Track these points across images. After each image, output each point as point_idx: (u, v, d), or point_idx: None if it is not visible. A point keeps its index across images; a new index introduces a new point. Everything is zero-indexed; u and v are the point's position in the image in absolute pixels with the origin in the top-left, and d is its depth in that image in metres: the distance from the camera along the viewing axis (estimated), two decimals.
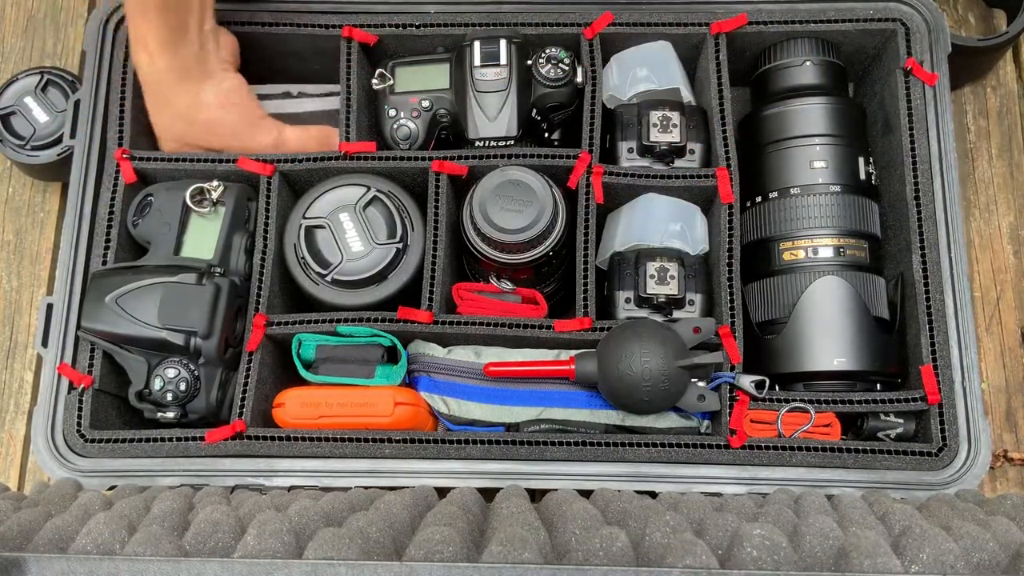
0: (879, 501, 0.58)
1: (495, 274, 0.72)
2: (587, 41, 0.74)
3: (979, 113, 0.87)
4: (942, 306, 0.68)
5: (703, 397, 0.65)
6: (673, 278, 0.68)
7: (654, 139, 0.71)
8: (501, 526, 0.50)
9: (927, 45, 0.73)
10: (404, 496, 0.56)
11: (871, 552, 0.44)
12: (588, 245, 0.70)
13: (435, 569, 0.41)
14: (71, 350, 0.68)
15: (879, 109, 0.75)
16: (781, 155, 0.71)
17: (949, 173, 0.70)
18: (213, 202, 0.70)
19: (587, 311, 0.68)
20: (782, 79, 0.75)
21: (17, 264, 0.85)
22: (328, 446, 0.66)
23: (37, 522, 0.51)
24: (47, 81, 0.81)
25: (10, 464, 0.80)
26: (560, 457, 0.65)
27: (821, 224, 0.70)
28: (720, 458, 0.65)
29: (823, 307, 0.68)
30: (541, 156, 0.71)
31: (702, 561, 0.43)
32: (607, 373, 0.64)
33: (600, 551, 0.45)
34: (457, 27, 0.75)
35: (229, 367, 0.69)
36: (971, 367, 0.67)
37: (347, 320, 0.68)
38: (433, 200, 0.71)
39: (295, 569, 0.41)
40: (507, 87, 0.72)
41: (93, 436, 0.67)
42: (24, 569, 0.41)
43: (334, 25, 0.75)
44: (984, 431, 0.65)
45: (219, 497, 0.60)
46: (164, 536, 0.46)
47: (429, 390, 0.69)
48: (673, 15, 0.75)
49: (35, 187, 0.87)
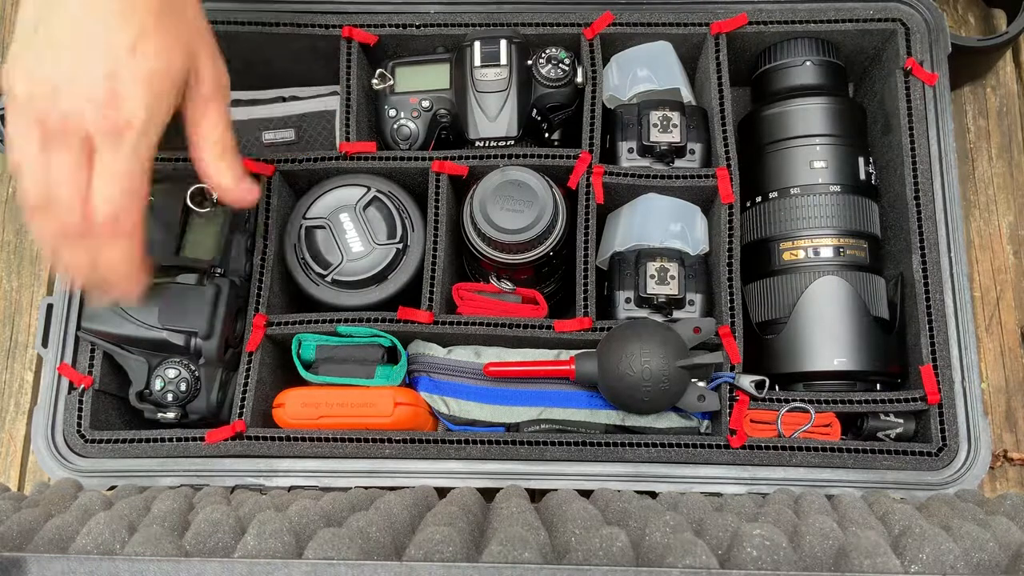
0: (879, 501, 0.59)
1: (495, 274, 0.72)
2: (587, 41, 0.74)
3: (979, 113, 0.87)
4: (942, 306, 0.68)
5: (703, 397, 0.65)
6: (673, 278, 0.68)
7: (654, 139, 0.71)
8: (501, 526, 0.50)
9: (927, 45, 0.73)
10: (404, 496, 0.56)
11: (871, 552, 0.44)
12: (588, 245, 0.70)
13: (435, 569, 0.41)
14: (71, 350, 0.68)
15: (879, 109, 0.75)
16: (781, 155, 0.72)
17: (949, 173, 0.70)
18: (213, 202, 0.70)
19: (587, 311, 0.68)
20: (782, 79, 0.75)
21: (17, 264, 0.85)
22: (328, 446, 0.66)
23: (37, 522, 0.51)
24: None
25: (10, 464, 0.80)
26: (560, 457, 0.66)
27: (821, 224, 0.70)
28: (720, 458, 0.65)
29: (823, 307, 0.68)
30: (541, 156, 0.71)
31: (702, 561, 0.43)
32: (607, 373, 0.64)
33: (600, 551, 0.45)
34: (457, 27, 0.75)
35: (229, 367, 0.69)
36: (971, 367, 0.67)
37: (347, 320, 0.68)
38: (433, 200, 0.71)
39: (295, 569, 0.41)
40: (507, 87, 0.72)
41: (93, 436, 0.67)
42: (24, 569, 0.41)
43: (334, 25, 0.75)
44: (984, 431, 0.65)
45: (219, 497, 0.60)
46: (164, 536, 0.46)
47: (429, 390, 0.69)
48: (673, 15, 0.75)
49: None
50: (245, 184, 0.58)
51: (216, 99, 0.57)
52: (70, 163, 0.51)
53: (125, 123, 0.51)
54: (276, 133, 0.78)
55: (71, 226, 0.52)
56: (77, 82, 0.50)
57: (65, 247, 0.54)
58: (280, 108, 0.79)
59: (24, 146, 0.51)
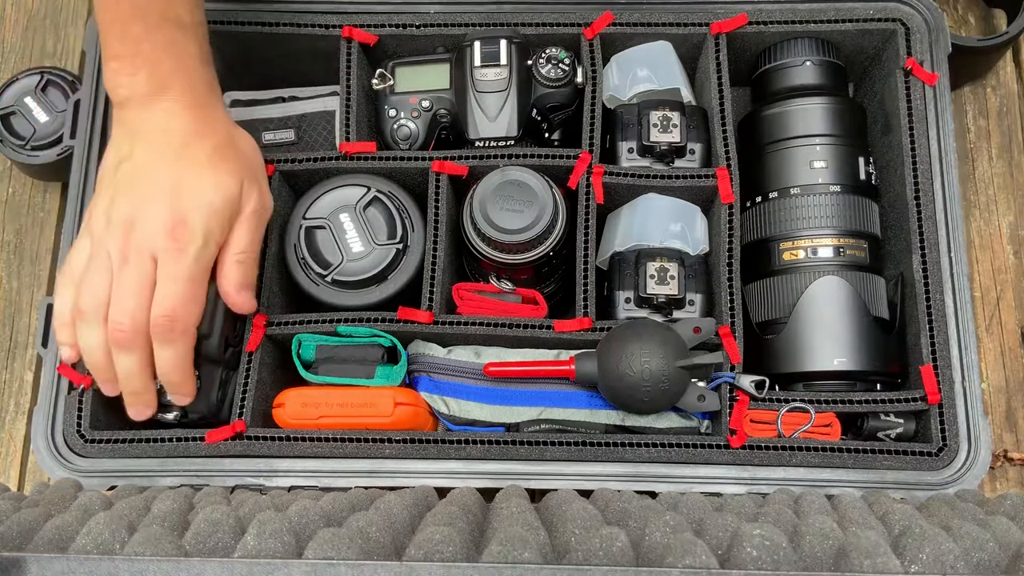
0: (879, 501, 0.59)
1: (495, 274, 0.72)
2: (587, 41, 0.74)
3: (979, 113, 0.87)
4: (942, 306, 0.68)
5: (703, 397, 0.65)
6: (673, 278, 0.68)
7: (654, 139, 0.71)
8: (501, 526, 0.50)
9: (927, 45, 0.73)
10: (404, 496, 0.56)
11: (871, 552, 0.44)
12: (588, 245, 0.70)
13: (435, 569, 0.41)
14: None
15: (879, 109, 0.75)
16: (781, 155, 0.72)
17: (949, 173, 0.70)
18: None
19: (587, 311, 0.68)
20: (782, 79, 0.75)
21: (17, 264, 0.85)
22: (328, 446, 0.66)
23: (37, 522, 0.51)
24: (47, 81, 0.81)
25: (10, 464, 0.80)
26: (560, 457, 0.65)
27: (821, 224, 0.70)
28: (720, 458, 0.65)
29: (823, 307, 0.68)
30: (541, 156, 0.71)
31: (702, 561, 0.43)
32: (607, 373, 0.64)
33: (600, 551, 0.45)
34: (457, 27, 0.75)
35: (229, 367, 0.69)
36: (971, 367, 0.67)
37: (347, 320, 0.68)
38: (433, 200, 0.71)
39: (295, 569, 0.41)
40: (507, 87, 0.72)
41: (93, 436, 0.67)
42: (24, 569, 0.41)
43: (334, 25, 0.75)
44: (984, 431, 0.65)
45: (219, 497, 0.60)
46: (164, 536, 0.46)
47: (429, 390, 0.69)
48: (673, 15, 0.75)
49: (35, 187, 0.87)
50: (244, 296, 0.65)
51: (251, 220, 0.64)
52: (134, 276, 0.59)
53: (188, 239, 0.60)
54: (276, 133, 0.78)
55: (124, 330, 0.59)
56: (147, 214, 0.60)
57: (114, 353, 0.61)
58: (280, 108, 0.79)
59: (95, 266, 0.60)
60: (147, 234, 0.59)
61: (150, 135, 0.62)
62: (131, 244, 0.60)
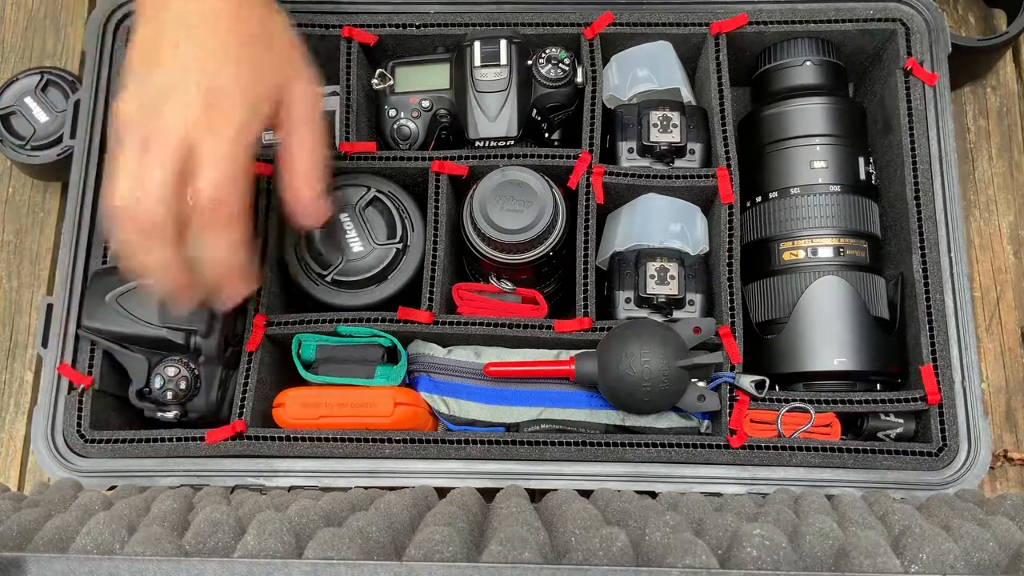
0: (879, 501, 0.59)
1: (495, 274, 0.72)
2: (587, 41, 0.74)
3: (979, 113, 0.87)
4: (942, 306, 0.68)
5: (703, 397, 0.65)
6: (673, 278, 0.68)
7: (654, 139, 0.71)
8: (501, 526, 0.50)
9: (927, 45, 0.73)
10: (404, 496, 0.56)
11: (871, 552, 0.44)
12: (588, 245, 0.70)
13: (435, 569, 0.41)
14: (71, 350, 0.68)
15: (879, 109, 0.75)
16: (781, 155, 0.72)
17: (949, 173, 0.70)
18: None
19: (587, 311, 0.68)
20: (782, 79, 0.75)
21: (17, 264, 0.85)
22: (328, 446, 0.66)
23: (37, 522, 0.51)
24: (47, 81, 0.81)
25: (10, 464, 0.80)
26: (560, 457, 0.65)
27: (821, 224, 0.70)
28: (720, 458, 0.65)
29: (823, 307, 0.68)
30: (541, 156, 0.71)
31: (702, 561, 0.43)
32: (607, 373, 0.64)
33: (600, 551, 0.45)
34: (457, 27, 0.75)
35: (229, 366, 0.69)
36: (971, 367, 0.67)
37: (347, 320, 0.68)
38: (433, 200, 0.71)
39: (295, 569, 0.41)
40: (507, 87, 0.72)
41: (93, 436, 0.67)
42: (24, 569, 0.41)
43: (334, 25, 0.75)
44: (984, 431, 0.65)
45: (219, 497, 0.60)
46: (164, 536, 0.46)
47: (429, 390, 0.69)
48: (673, 15, 0.75)
49: (35, 187, 0.87)
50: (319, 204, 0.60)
51: (306, 124, 0.59)
52: (166, 160, 0.53)
53: (223, 120, 0.54)
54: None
55: (159, 220, 0.53)
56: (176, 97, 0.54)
57: (153, 247, 0.54)
58: None
59: (125, 152, 0.54)
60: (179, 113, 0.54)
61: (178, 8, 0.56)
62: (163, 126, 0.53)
